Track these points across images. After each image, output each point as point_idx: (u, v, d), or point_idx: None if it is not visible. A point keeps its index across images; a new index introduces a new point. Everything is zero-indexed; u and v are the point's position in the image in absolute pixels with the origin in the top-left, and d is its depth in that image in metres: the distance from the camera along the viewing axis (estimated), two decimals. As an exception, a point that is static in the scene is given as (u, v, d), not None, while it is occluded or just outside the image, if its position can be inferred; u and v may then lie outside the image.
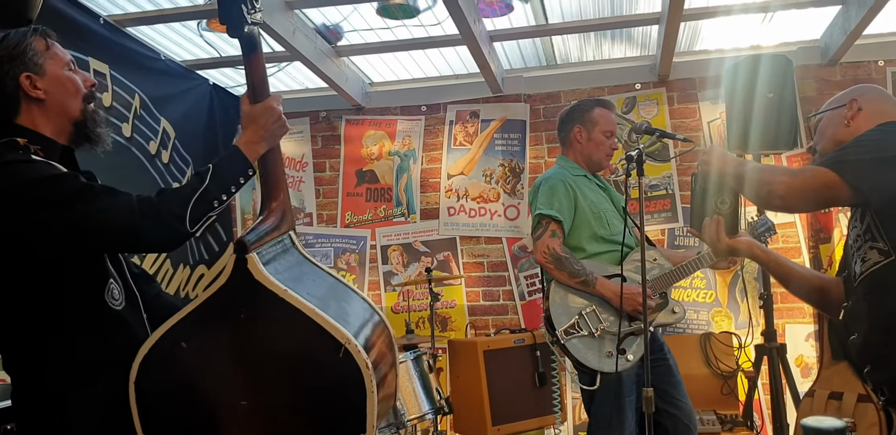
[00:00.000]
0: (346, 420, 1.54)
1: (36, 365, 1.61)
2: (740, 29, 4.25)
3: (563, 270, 2.67)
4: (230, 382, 1.58)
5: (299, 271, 1.74)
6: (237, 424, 1.58)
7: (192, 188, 1.60)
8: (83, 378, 1.60)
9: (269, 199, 1.76)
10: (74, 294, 1.62)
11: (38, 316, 1.60)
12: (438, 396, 3.38)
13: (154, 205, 1.55)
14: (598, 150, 2.92)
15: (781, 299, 4.22)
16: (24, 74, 1.63)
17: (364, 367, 1.52)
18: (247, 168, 1.69)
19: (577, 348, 2.62)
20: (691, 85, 4.52)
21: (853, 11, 3.79)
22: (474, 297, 4.66)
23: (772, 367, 3.51)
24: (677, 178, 4.48)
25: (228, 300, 1.59)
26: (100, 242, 1.58)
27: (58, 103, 1.68)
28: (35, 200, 1.52)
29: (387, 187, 4.83)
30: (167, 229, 1.56)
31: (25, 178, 1.53)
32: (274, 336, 1.58)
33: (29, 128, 1.64)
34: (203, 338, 1.59)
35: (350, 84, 4.65)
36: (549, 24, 4.14)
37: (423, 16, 3.93)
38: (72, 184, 1.56)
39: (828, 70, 4.35)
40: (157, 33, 4.04)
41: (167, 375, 1.59)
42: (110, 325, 1.66)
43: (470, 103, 4.78)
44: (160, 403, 1.59)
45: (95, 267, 1.66)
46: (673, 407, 2.72)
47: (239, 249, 1.59)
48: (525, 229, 4.63)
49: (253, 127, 1.72)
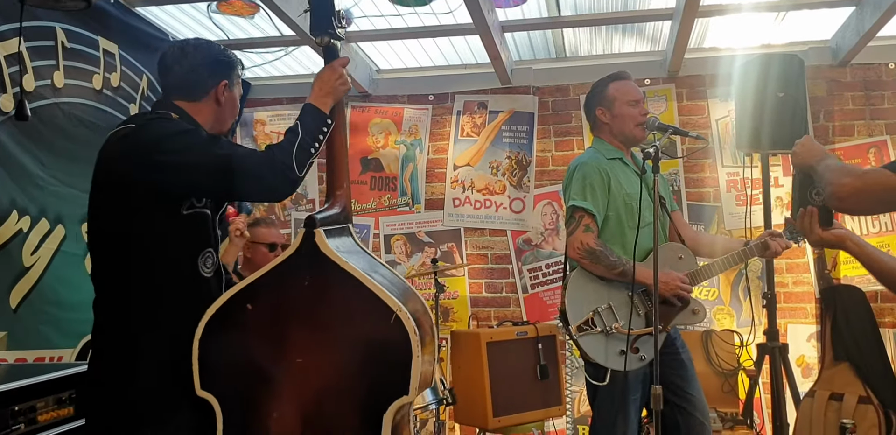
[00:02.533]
0: (392, 381, 1.68)
1: (122, 309, 1.81)
2: (751, 27, 4.24)
3: (598, 263, 2.61)
4: (288, 341, 1.74)
5: (354, 253, 1.91)
6: (290, 380, 1.72)
7: (289, 142, 1.85)
8: (160, 331, 1.78)
9: (335, 188, 1.98)
10: (176, 251, 1.84)
11: (140, 263, 1.80)
12: (443, 387, 3.37)
13: (269, 156, 1.81)
14: (626, 124, 2.80)
15: (784, 299, 4.24)
16: (224, 82, 1.99)
17: (412, 332, 1.67)
18: (325, 118, 1.94)
19: (589, 345, 2.60)
20: (700, 82, 4.51)
21: (868, 13, 3.77)
22: (477, 288, 4.65)
23: (773, 366, 3.52)
24: (684, 174, 4.47)
25: (294, 268, 1.76)
26: (230, 183, 1.79)
27: (223, 115, 2.02)
28: (179, 143, 1.79)
29: (392, 176, 4.81)
30: (282, 175, 1.81)
31: (170, 128, 1.83)
32: (334, 302, 1.75)
33: (188, 113, 1.94)
34: (268, 300, 1.75)
35: (357, 70, 4.61)
36: (561, 17, 4.12)
37: (435, 4, 3.89)
38: (205, 134, 1.89)
39: (838, 71, 4.35)
40: (167, 14, 4.00)
41: (231, 334, 1.74)
42: (196, 287, 1.86)
43: (478, 94, 4.76)
44: (221, 359, 1.73)
45: (201, 232, 1.89)
46: (685, 401, 2.69)
47: (309, 223, 1.78)
48: (530, 222, 4.62)
49: (318, 84, 1.97)
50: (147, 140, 1.80)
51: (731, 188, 4.41)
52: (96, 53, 3.42)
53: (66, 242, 3.13)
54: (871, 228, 4.24)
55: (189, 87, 1.96)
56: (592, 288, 2.67)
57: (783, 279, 4.27)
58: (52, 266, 3.05)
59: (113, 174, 1.83)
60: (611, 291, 2.67)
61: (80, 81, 3.31)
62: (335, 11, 2.00)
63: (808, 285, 4.28)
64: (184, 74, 1.96)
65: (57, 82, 3.15)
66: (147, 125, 1.84)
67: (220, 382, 1.72)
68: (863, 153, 4.29)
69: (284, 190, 1.88)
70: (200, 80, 1.96)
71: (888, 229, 4.22)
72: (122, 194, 1.81)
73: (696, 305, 2.74)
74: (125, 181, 1.79)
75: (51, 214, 3.07)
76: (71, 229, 3.16)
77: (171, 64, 1.98)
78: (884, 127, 4.29)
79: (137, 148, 1.79)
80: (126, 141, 1.83)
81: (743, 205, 4.31)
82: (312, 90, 1.97)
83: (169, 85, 2.00)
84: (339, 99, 2.01)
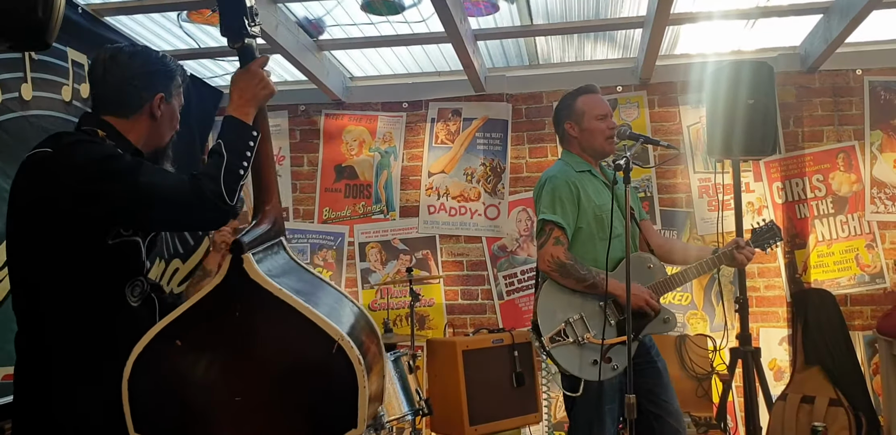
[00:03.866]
0: (338, 415, 1.58)
1: (41, 346, 1.69)
2: (722, 34, 4.28)
3: (568, 277, 2.63)
4: (224, 378, 1.62)
5: (290, 273, 1.78)
6: (230, 420, 1.61)
7: (215, 166, 1.67)
8: (86, 365, 1.67)
9: (263, 203, 1.81)
10: (100, 282, 1.72)
11: (60, 295, 1.69)
12: (418, 398, 3.38)
13: (196, 186, 1.64)
14: (595, 138, 2.83)
15: (756, 303, 4.29)
16: (160, 95, 1.86)
17: (357, 362, 1.56)
18: (249, 130, 1.75)
19: (562, 356, 2.61)
20: (672, 88, 4.55)
21: (835, 21, 3.83)
22: (453, 295, 4.66)
23: (746, 370, 3.55)
24: (656, 180, 4.51)
25: (224, 298, 1.63)
26: (156, 215, 1.68)
27: (159, 130, 1.90)
28: (99, 172, 1.64)
29: (366, 184, 4.80)
30: (213, 206, 1.65)
31: (91, 154, 1.68)
32: (269, 333, 1.63)
33: (118, 130, 1.82)
34: (198, 335, 1.63)
35: (330, 78, 4.61)
36: (533, 25, 4.14)
37: (408, 12, 3.90)
38: (131, 160, 1.71)
39: (807, 77, 4.40)
40: (137, 24, 3.96)
41: (161, 372, 1.62)
42: (123, 317, 1.74)
43: (452, 101, 4.77)
44: (153, 400, 1.61)
45: (129, 261, 1.77)
46: (660, 409, 2.72)
47: (235, 249, 1.63)
48: (505, 229, 4.63)
49: (237, 91, 1.78)
50: (64, 167, 1.66)
51: (703, 194, 4.45)
52: (65, 64, 3.38)
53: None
54: (840, 232, 4.30)
55: (120, 102, 1.82)
56: (564, 299, 2.68)
57: (755, 284, 4.32)
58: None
59: (29, 202, 1.70)
60: (582, 301, 2.68)
61: (49, 93, 3.27)
62: (246, 8, 1.77)
63: (779, 289, 4.34)
64: (114, 87, 1.82)
65: (25, 95, 3.12)
66: (65, 151, 1.69)
67: (155, 424, 1.61)
68: (832, 158, 4.35)
69: (216, 220, 1.74)
70: (133, 94, 1.82)
71: (856, 234, 4.29)
72: (38, 223, 1.68)
73: (666, 313, 2.77)
74: (41, 210, 1.67)
75: (20, 229, 3.02)
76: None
77: (102, 73, 1.83)
78: (852, 132, 4.36)
79: (54, 176, 1.66)
80: (42, 167, 1.69)
81: (715, 210, 4.35)
82: (231, 99, 1.77)
83: (98, 97, 1.86)
84: (262, 105, 1.81)
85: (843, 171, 4.34)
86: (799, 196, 4.37)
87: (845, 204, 4.32)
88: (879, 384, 4.08)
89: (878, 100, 4.34)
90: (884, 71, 4.34)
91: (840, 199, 4.32)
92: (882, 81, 4.34)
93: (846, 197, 4.32)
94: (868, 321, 4.21)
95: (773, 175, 4.40)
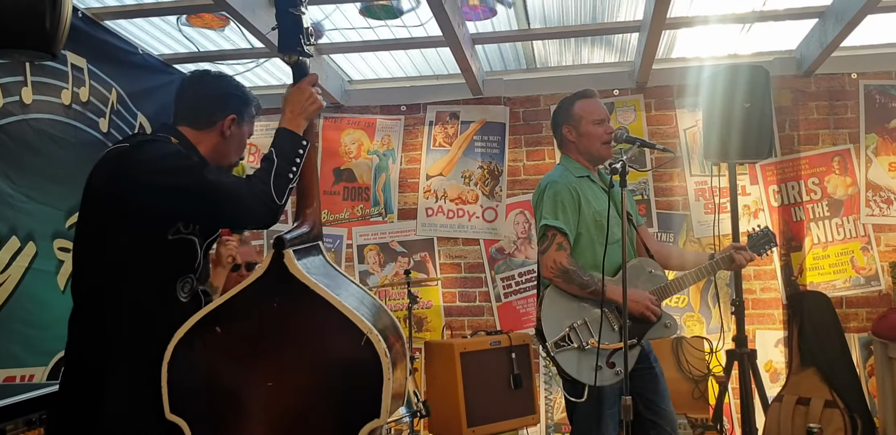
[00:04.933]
0: (363, 404, 1.68)
1: (95, 328, 1.80)
2: (718, 38, 4.31)
3: (571, 283, 2.63)
4: (258, 364, 1.73)
5: (325, 272, 1.90)
6: (261, 404, 1.71)
7: (266, 170, 1.83)
8: (135, 354, 1.77)
9: (304, 207, 1.97)
10: (154, 275, 1.83)
11: (117, 283, 1.80)
12: (416, 399, 3.39)
13: (250, 185, 1.80)
14: (593, 143, 2.83)
15: (753, 305, 4.31)
16: (233, 116, 2.00)
17: (383, 355, 1.67)
18: (299, 140, 1.93)
19: (566, 361, 2.62)
20: (668, 92, 4.58)
21: (830, 25, 3.86)
22: (451, 298, 4.68)
23: (742, 372, 3.58)
24: (653, 184, 4.53)
25: (263, 290, 1.75)
26: (214, 210, 1.80)
27: (226, 149, 2.03)
28: (168, 166, 1.79)
29: (364, 186, 4.82)
30: (264, 205, 1.80)
31: (163, 150, 1.83)
32: (303, 324, 1.75)
33: (190, 140, 1.96)
34: (237, 323, 1.75)
35: (329, 81, 4.63)
36: (531, 29, 4.16)
37: (406, 17, 3.92)
38: (197, 160, 1.88)
39: (803, 81, 4.43)
40: (136, 27, 3.98)
41: (200, 357, 1.73)
42: (171, 311, 1.84)
43: (450, 105, 4.79)
44: (190, 382, 1.72)
45: (184, 258, 1.89)
46: (656, 416, 2.73)
47: (277, 244, 1.76)
48: (502, 231, 4.65)
49: (289, 106, 1.95)
50: (137, 161, 1.80)
51: (700, 197, 4.48)
52: (64, 68, 3.40)
53: (37, 260, 3.11)
54: (835, 235, 4.33)
55: (196, 115, 1.98)
56: (567, 305, 2.68)
57: (751, 286, 4.35)
58: (23, 284, 3.02)
59: (101, 193, 1.83)
60: (585, 307, 2.69)
61: (49, 97, 3.29)
62: (303, 29, 1.96)
63: (775, 292, 4.36)
64: (194, 101, 1.99)
65: (25, 98, 3.13)
66: (140, 146, 1.84)
67: (190, 406, 1.71)
68: (827, 162, 4.38)
69: (266, 219, 1.85)
70: (208, 110, 1.98)
71: (852, 236, 4.31)
72: (108, 213, 1.81)
73: (667, 319, 2.78)
74: (112, 200, 1.80)
75: (21, 232, 3.05)
76: (42, 246, 3.14)
77: (185, 90, 2.02)
78: (847, 136, 4.39)
79: (126, 168, 1.80)
80: (117, 160, 1.83)
81: (711, 213, 4.38)
82: (284, 113, 1.95)
83: (178, 110, 2.01)
84: (312, 118, 1.99)
85: (838, 175, 4.36)
86: (795, 199, 4.39)
87: (841, 207, 4.34)
88: (874, 386, 4.10)
89: (874, 103, 4.36)
90: (879, 75, 4.38)
91: (835, 202, 4.35)
92: (877, 85, 4.37)
93: (841, 200, 4.35)
94: (863, 323, 4.23)
95: (769, 178, 4.42)
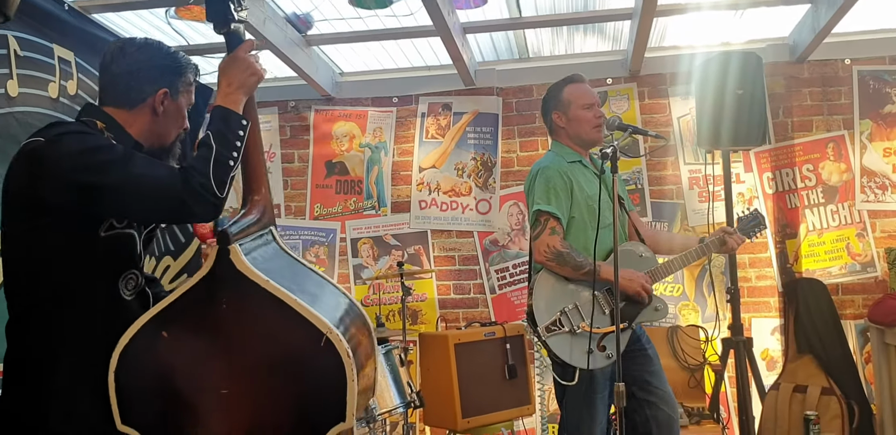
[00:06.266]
0: (326, 409, 1.56)
1: (34, 335, 1.67)
2: (711, 25, 4.29)
3: (565, 265, 2.64)
4: (211, 370, 1.60)
5: (280, 263, 1.76)
6: (217, 411, 1.59)
7: (203, 158, 1.64)
8: (78, 357, 1.65)
9: (251, 193, 1.79)
10: (93, 274, 1.69)
11: (53, 286, 1.67)
12: (410, 390, 3.37)
13: (185, 178, 1.61)
14: (583, 127, 2.83)
15: (748, 293, 4.29)
16: (164, 90, 1.79)
17: (345, 356, 1.54)
18: (239, 119, 1.71)
19: (557, 345, 2.62)
20: (662, 80, 4.55)
21: (822, 10, 3.83)
22: (445, 290, 4.66)
23: (738, 360, 3.56)
24: (647, 173, 4.51)
25: (210, 290, 1.61)
26: (146, 207, 1.66)
27: (162, 128, 1.83)
28: (88, 163, 1.61)
29: (357, 180, 4.80)
30: (202, 199, 1.62)
31: (81, 144, 1.65)
32: (255, 325, 1.61)
33: (118, 122, 1.77)
34: (184, 327, 1.61)
35: (320, 73, 4.60)
36: (522, 18, 4.14)
37: (396, 6, 3.89)
38: (121, 151, 1.67)
39: (796, 67, 4.41)
40: (124, 20, 3.95)
41: (148, 364, 1.60)
42: (115, 311, 1.70)
43: (442, 96, 4.76)
44: (140, 392, 1.60)
45: (122, 254, 1.74)
46: (652, 395, 2.72)
47: (221, 239, 1.61)
48: (496, 223, 4.63)
49: (225, 79, 1.74)
50: (54, 158, 1.63)
51: (694, 185, 4.45)
52: (51, 61, 3.37)
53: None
54: (830, 221, 4.31)
55: (122, 93, 1.78)
56: (558, 289, 2.69)
57: (746, 274, 4.33)
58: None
59: (20, 192, 1.68)
60: (576, 290, 2.69)
61: (36, 90, 3.25)
62: None
63: (770, 279, 4.34)
64: (118, 77, 1.78)
65: (11, 91, 3.10)
66: (56, 140, 1.66)
67: (142, 417, 1.59)
68: (821, 148, 4.36)
69: (208, 216, 1.68)
70: (136, 86, 1.78)
71: (847, 223, 4.29)
72: (31, 214, 1.66)
73: (658, 302, 2.78)
74: (35, 201, 1.65)
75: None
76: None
77: (108, 64, 1.80)
78: (841, 122, 4.36)
79: (44, 167, 1.63)
80: (33, 157, 1.66)
81: (705, 201, 4.35)
82: (219, 87, 1.73)
83: (103, 87, 1.82)
84: (251, 92, 1.77)
85: (832, 161, 4.34)
86: (789, 186, 4.37)
87: (835, 193, 4.32)
88: (871, 373, 4.09)
89: (867, 89, 4.34)
90: (872, 60, 4.35)
91: (830, 188, 4.33)
92: (870, 71, 4.35)
93: (836, 186, 4.33)
94: (859, 310, 4.22)
95: (763, 165, 4.40)
